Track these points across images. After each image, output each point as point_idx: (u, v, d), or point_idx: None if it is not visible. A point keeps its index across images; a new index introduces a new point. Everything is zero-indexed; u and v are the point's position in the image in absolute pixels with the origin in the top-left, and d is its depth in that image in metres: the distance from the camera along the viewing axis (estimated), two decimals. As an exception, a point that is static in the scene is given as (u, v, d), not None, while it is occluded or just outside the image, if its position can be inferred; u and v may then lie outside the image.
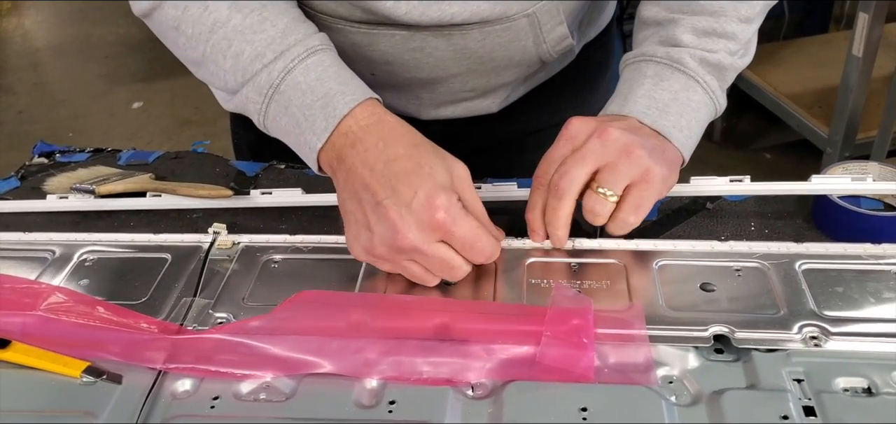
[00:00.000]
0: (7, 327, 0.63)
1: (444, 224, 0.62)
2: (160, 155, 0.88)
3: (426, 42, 0.76)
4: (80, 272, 0.70)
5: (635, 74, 0.70)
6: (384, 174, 0.63)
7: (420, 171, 0.63)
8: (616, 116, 0.68)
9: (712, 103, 0.70)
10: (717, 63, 0.69)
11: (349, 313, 0.62)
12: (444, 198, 0.62)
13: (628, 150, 0.63)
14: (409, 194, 0.62)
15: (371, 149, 0.64)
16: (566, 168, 0.65)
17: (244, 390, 0.58)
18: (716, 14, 0.69)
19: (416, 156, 0.64)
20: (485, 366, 0.57)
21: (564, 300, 0.60)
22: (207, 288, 0.67)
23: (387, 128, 0.66)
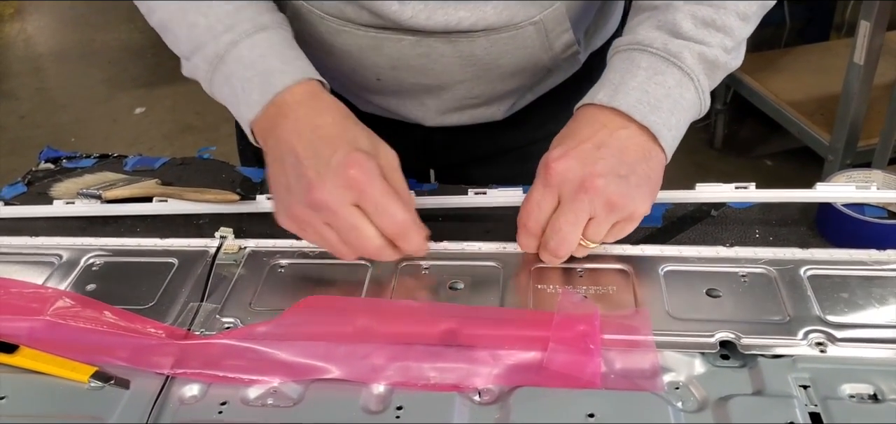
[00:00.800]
0: (14, 332, 0.63)
1: (358, 181, 0.62)
2: (166, 160, 0.89)
3: (432, 48, 0.76)
4: (86, 276, 0.70)
5: (628, 64, 0.68)
6: (310, 138, 0.65)
7: (344, 136, 0.65)
8: (599, 127, 0.65)
9: (700, 103, 0.69)
10: (713, 60, 0.68)
11: (356, 318, 0.62)
12: (363, 158, 0.63)
13: (615, 202, 0.63)
14: (328, 153, 0.63)
15: (301, 119, 0.66)
16: (563, 235, 0.64)
17: (252, 395, 0.58)
18: (716, 5, 0.68)
19: (343, 125, 0.67)
20: (492, 372, 0.58)
21: (571, 306, 0.60)
22: (214, 292, 0.67)
23: (321, 102, 0.68)
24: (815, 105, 2.32)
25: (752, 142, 2.76)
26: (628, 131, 0.65)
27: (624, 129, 0.65)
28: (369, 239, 0.64)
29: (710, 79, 0.69)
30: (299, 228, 0.66)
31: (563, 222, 0.64)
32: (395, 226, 0.64)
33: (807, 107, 2.32)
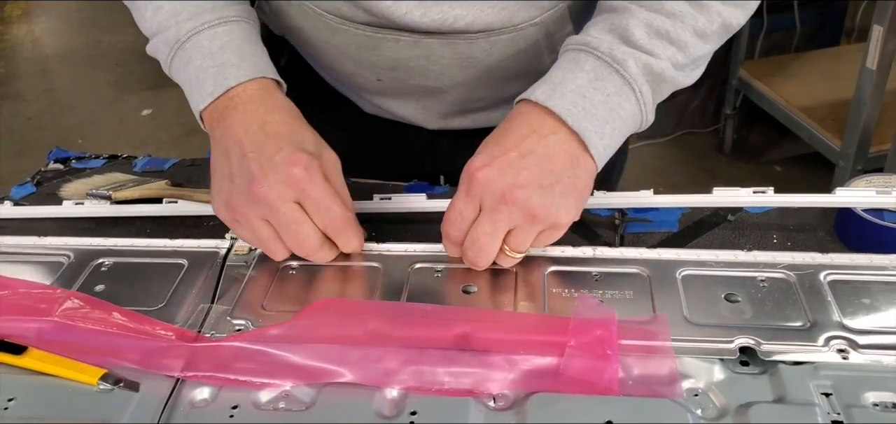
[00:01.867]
0: (23, 333, 0.62)
1: (300, 181, 0.64)
2: (176, 162, 0.88)
3: (431, 49, 0.75)
4: (95, 277, 0.70)
5: (572, 65, 0.66)
6: (256, 133, 0.66)
7: (290, 135, 0.67)
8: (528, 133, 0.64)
9: (641, 115, 0.68)
10: (659, 72, 0.66)
11: (369, 321, 0.61)
12: (306, 158, 0.65)
13: (537, 214, 0.63)
14: (273, 150, 0.65)
15: (250, 113, 0.67)
16: (481, 245, 0.64)
17: (263, 398, 0.57)
18: (673, 17, 0.66)
19: (291, 124, 0.68)
20: (507, 377, 0.57)
21: (588, 310, 0.59)
22: (225, 294, 0.66)
23: (272, 100, 0.69)
24: (825, 110, 2.30)
25: (761, 147, 2.75)
26: (558, 137, 0.64)
27: (553, 134, 0.64)
28: (308, 235, 0.65)
29: (654, 91, 0.68)
30: (233, 219, 0.67)
31: (481, 233, 0.64)
32: (334, 224, 0.66)
33: (817, 112, 2.30)
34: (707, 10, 0.67)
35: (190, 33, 0.70)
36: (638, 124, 0.68)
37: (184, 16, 0.71)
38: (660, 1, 0.67)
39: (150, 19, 0.72)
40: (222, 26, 0.71)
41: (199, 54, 0.70)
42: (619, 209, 0.77)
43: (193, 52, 0.70)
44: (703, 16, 0.67)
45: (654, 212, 0.76)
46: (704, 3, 0.67)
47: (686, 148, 2.80)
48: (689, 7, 0.67)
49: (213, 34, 0.70)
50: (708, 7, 0.67)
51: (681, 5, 0.66)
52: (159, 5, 0.72)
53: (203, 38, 0.70)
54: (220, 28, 0.71)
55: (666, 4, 0.66)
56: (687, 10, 0.67)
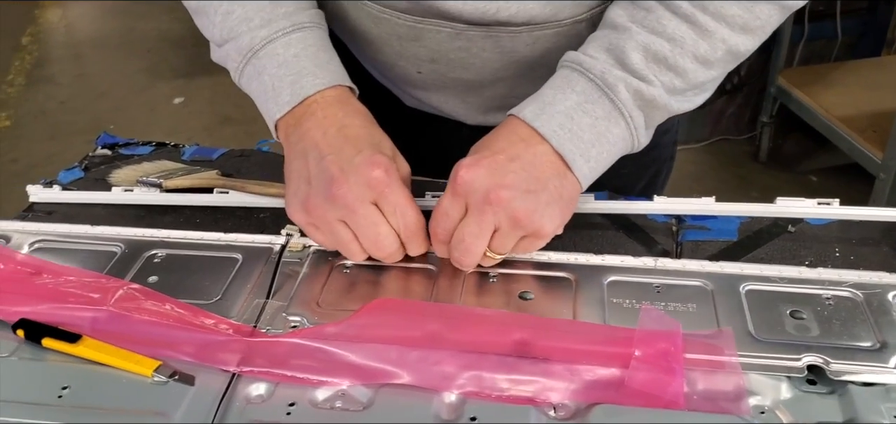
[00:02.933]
0: (77, 321, 0.62)
1: (380, 183, 0.64)
2: (225, 151, 0.87)
3: (472, 42, 0.74)
4: (148, 268, 0.69)
5: (565, 84, 0.66)
6: (335, 137, 0.66)
7: (370, 138, 0.67)
8: (517, 140, 0.65)
9: (632, 139, 0.67)
10: (651, 99, 0.65)
11: (426, 323, 0.60)
12: (385, 161, 0.65)
13: (520, 217, 0.63)
14: (352, 152, 0.65)
15: (329, 118, 0.67)
16: (466, 245, 0.64)
17: (320, 397, 0.56)
18: (673, 42, 0.65)
19: (369, 128, 0.68)
20: (569, 387, 0.55)
21: (652, 322, 0.58)
22: (280, 290, 0.66)
23: (349, 106, 0.69)
24: (866, 121, 2.26)
25: (797, 156, 2.71)
26: (545, 148, 0.64)
27: (541, 145, 0.64)
28: (386, 237, 0.65)
29: (647, 116, 0.67)
30: (311, 221, 0.67)
31: (467, 232, 0.64)
32: (408, 229, 0.65)
33: (858, 122, 2.27)
34: (710, 37, 0.65)
35: (264, 41, 0.69)
36: (629, 147, 0.68)
37: (256, 22, 0.69)
38: (663, 22, 0.65)
39: (220, 24, 0.71)
40: (297, 33, 0.69)
41: (273, 63, 0.69)
42: (677, 215, 0.75)
43: (267, 61, 0.69)
44: (705, 42, 0.65)
45: (713, 220, 0.74)
46: (709, 29, 0.65)
47: (721, 154, 2.77)
48: (691, 32, 0.65)
49: (287, 41, 0.69)
50: (712, 33, 0.65)
51: (683, 30, 0.65)
52: (230, 9, 0.70)
53: (278, 45, 0.69)
54: (295, 35, 0.69)
55: (668, 27, 0.65)
56: (689, 35, 0.65)
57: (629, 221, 0.75)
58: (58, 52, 3.90)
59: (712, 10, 0.65)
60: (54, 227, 0.74)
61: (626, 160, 0.92)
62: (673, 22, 0.65)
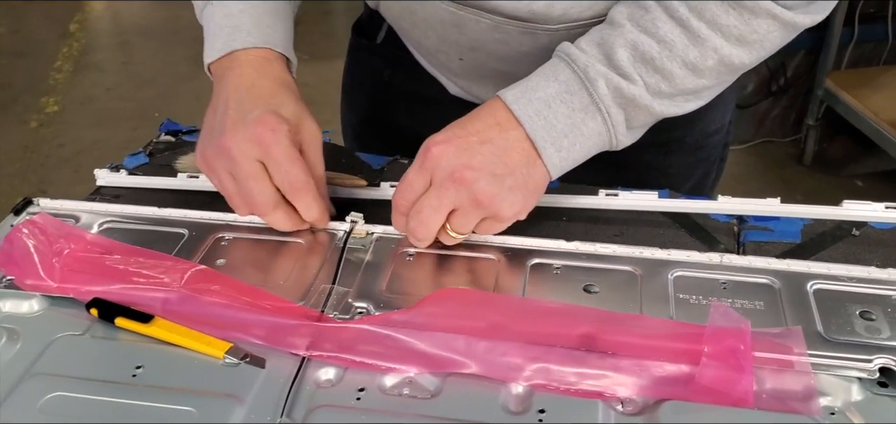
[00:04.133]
0: (149, 302, 0.63)
1: (265, 140, 0.67)
2: (286, 141, 0.88)
3: (510, 35, 0.75)
4: (216, 251, 0.70)
5: (551, 71, 0.67)
6: (243, 94, 0.70)
7: (272, 99, 0.70)
8: (492, 123, 0.66)
9: (609, 135, 0.67)
10: (631, 97, 0.65)
11: (492, 314, 0.60)
12: (275, 120, 0.68)
13: (482, 200, 0.64)
14: (250, 109, 0.69)
15: (245, 75, 0.72)
16: (423, 217, 0.65)
17: (388, 383, 0.57)
18: (663, 44, 0.64)
19: (277, 91, 0.72)
20: (637, 382, 0.55)
21: (722, 318, 0.58)
22: (344, 276, 0.66)
23: (268, 67, 0.73)
24: (917, 126, 2.23)
25: (842, 160, 2.67)
26: (518, 134, 0.66)
27: (515, 131, 0.66)
28: (260, 193, 0.68)
29: (627, 114, 0.67)
30: (207, 169, 0.71)
31: (425, 205, 0.65)
32: (292, 186, 0.68)
33: (908, 127, 2.23)
34: (702, 44, 0.65)
35: None
36: (606, 144, 0.68)
37: None
38: (657, 24, 0.65)
39: None
40: None
41: (221, 12, 0.74)
42: (738, 216, 0.75)
43: (218, 9, 0.75)
44: (696, 49, 0.65)
45: (775, 222, 0.73)
46: (701, 36, 0.64)
47: (765, 156, 2.74)
48: (683, 37, 0.65)
49: None
50: (704, 41, 0.65)
51: (676, 33, 0.64)
52: None
53: None
54: None
55: (661, 29, 0.65)
56: (680, 40, 0.64)
57: (690, 220, 0.74)
58: (104, 40, 3.97)
59: (708, 17, 0.64)
60: (123, 208, 0.76)
61: (672, 160, 0.92)
62: (667, 25, 0.65)
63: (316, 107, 0.75)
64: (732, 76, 0.69)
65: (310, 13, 3.87)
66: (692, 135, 0.90)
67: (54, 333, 0.62)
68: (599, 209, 0.74)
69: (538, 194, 0.68)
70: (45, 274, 0.65)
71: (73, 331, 0.62)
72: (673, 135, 0.88)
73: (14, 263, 0.67)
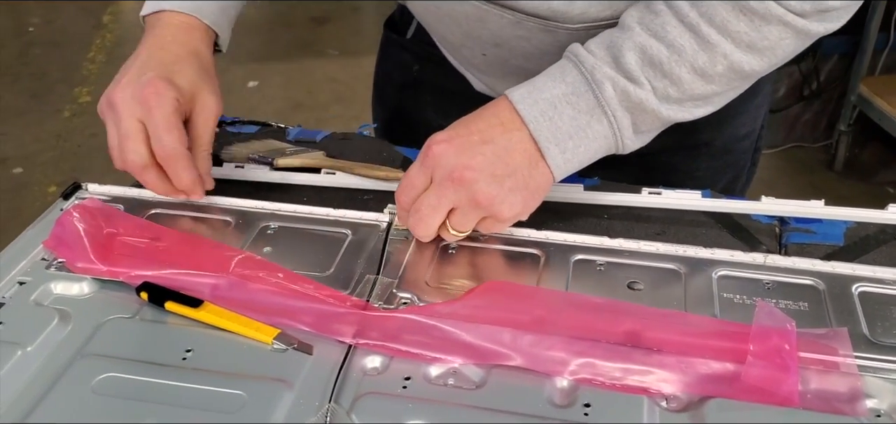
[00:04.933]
0: (198, 287, 0.64)
1: (148, 102, 0.70)
2: (328, 134, 0.89)
3: (532, 33, 0.75)
4: (262, 239, 0.71)
5: (559, 73, 0.67)
6: (153, 53, 0.74)
7: (172, 65, 0.74)
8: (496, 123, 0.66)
9: (615, 138, 0.67)
10: (638, 101, 0.65)
11: (536, 307, 0.61)
12: (164, 87, 0.71)
13: (480, 200, 0.65)
14: (148, 69, 0.72)
15: (161, 36, 0.76)
16: (422, 215, 0.66)
17: (433, 373, 0.57)
18: (672, 49, 0.64)
19: (182, 58, 0.75)
20: (682, 379, 0.56)
21: (767, 318, 0.58)
22: (388, 267, 0.67)
23: (186, 36, 0.77)
24: (952, 133, 2.20)
25: (874, 166, 2.65)
26: (521, 135, 0.66)
27: (518, 132, 0.66)
28: (133, 152, 0.71)
29: (634, 118, 0.66)
30: (102, 114, 0.74)
31: (425, 203, 0.66)
32: (164, 151, 0.71)
33: (943, 135, 2.21)
34: (711, 50, 0.64)
35: None
36: (612, 147, 0.68)
37: None
38: (666, 28, 0.64)
39: None
40: None
41: None
42: (780, 217, 0.74)
43: None
44: (705, 54, 0.64)
45: (818, 224, 0.73)
46: (711, 41, 0.64)
47: (794, 161, 2.72)
48: (692, 42, 0.64)
49: None
50: (714, 47, 0.64)
51: (685, 39, 0.64)
52: None
53: None
54: None
55: (671, 33, 0.64)
56: (689, 45, 0.64)
57: (732, 220, 0.74)
58: (137, 31, 3.94)
59: (718, 23, 0.64)
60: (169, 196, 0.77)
61: (699, 163, 0.92)
62: (676, 29, 0.64)
63: (344, 102, 0.76)
64: (744, 82, 0.69)
65: (339, 10, 3.89)
66: (720, 138, 0.90)
67: (104, 315, 0.63)
68: (641, 207, 0.75)
69: (541, 195, 0.68)
70: (96, 258, 0.67)
71: (123, 314, 0.63)
72: (701, 139, 0.88)
73: (65, 246, 0.68)
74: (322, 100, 3.07)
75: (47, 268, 0.68)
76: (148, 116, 0.70)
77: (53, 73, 3.47)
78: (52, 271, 0.67)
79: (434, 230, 0.67)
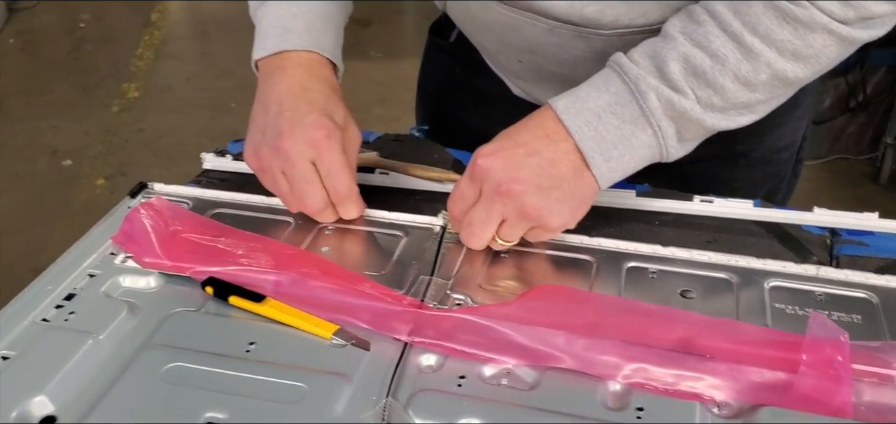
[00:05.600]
0: (260, 283, 0.66)
1: (320, 143, 0.71)
2: (380, 135, 0.91)
3: (565, 39, 0.76)
4: (320, 239, 0.73)
5: (603, 82, 0.68)
6: (296, 96, 0.73)
7: (325, 104, 0.74)
8: (541, 135, 0.67)
9: (659, 147, 0.67)
10: (682, 111, 0.65)
11: (589, 312, 0.62)
12: (330, 125, 0.71)
13: (528, 212, 0.66)
14: (305, 112, 0.72)
15: (296, 78, 0.75)
16: (474, 229, 0.68)
17: (487, 373, 0.59)
18: (715, 58, 0.64)
19: (329, 95, 0.75)
20: (735, 386, 0.56)
21: (820, 329, 0.58)
22: (442, 268, 0.69)
23: (318, 72, 0.76)
24: None
25: (922, 180, 2.61)
26: (567, 146, 0.67)
27: (564, 142, 0.67)
28: (314, 195, 0.72)
29: (678, 127, 0.67)
30: (260, 168, 0.74)
31: (476, 217, 0.68)
32: (338, 193, 0.72)
33: None
34: (755, 59, 0.64)
35: None
36: (657, 155, 0.68)
37: None
38: (709, 37, 0.65)
39: None
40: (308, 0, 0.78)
41: (274, 13, 0.78)
42: (831, 229, 0.75)
43: (271, 9, 0.78)
44: (748, 63, 0.64)
45: (871, 236, 0.74)
46: (755, 50, 0.64)
47: (838, 173, 2.69)
48: (735, 51, 0.64)
49: (295, 2, 0.77)
50: (757, 55, 0.64)
51: (728, 48, 0.64)
52: None
53: (287, 2, 0.77)
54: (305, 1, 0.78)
55: (714, 43, 0.65)
56: (732, 53, 0.64)
57: (782, 230, 0.75)
58: (184, 29, 4.08)
59: (762, 31, 0.64)
60: (232, 196, 0.80)
61: (738, 173, 0.92)
62: (720, 39, 0.65)
63: (387, 104, 0.78)
64: (788, 90, 0.69)
65: (382, 13, 3.92)
66: (759, 149, 0.90)
67: (171, 308, 0.65)
68: (692, 215, 0.75)
69: (587, 204, 0.69)
70: (162, 253, 0.69)
71: (188, 307, 0.65)
72: (739, 149, 0.88)
73: (133, 241, 0.71)
74: (364, 101, 3.10)
75: (116, 262, 0.70)
76: (320, 158, 0.71)
77: (103, 69, 3.55)
78: (121, 265, 0.70)
79: (486, 241, 0.69)
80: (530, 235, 0.69)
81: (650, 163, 0.69)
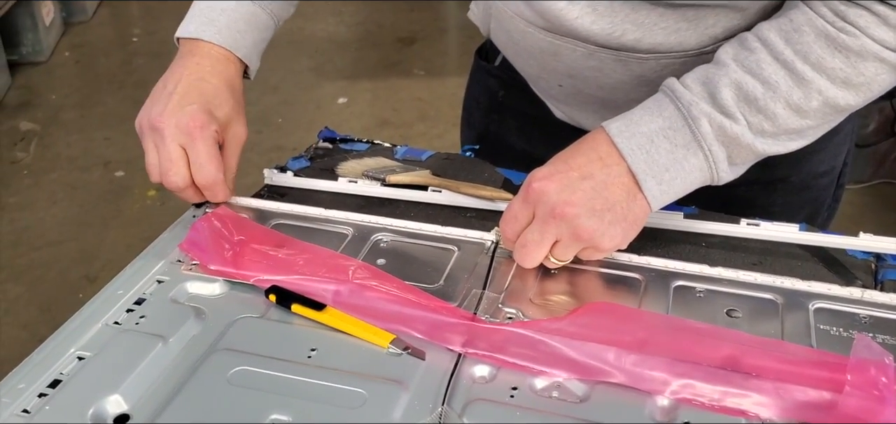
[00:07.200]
0: (321, 293, 0.69)
1: (192, 132, 0.78)
2: (432, 154, 0.94)
3: (604, 63, 0.78)
4: (376, 252, 0.76)
5: (656, 106, 0.69)
6: (191, 83, 0.81)
7: (213, 98, 0.81)
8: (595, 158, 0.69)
9: (711, 171, 0.69)
10: (734, 136, 0.67)
11: (638, 329, 0.64)
12: (206, 120, 0.79)
13: (582, 235, 0.68)
14: (191, 100, 0.79)
15: (200, 66, 0.82)
16: (528, 250, 0.70)
17: (538, 385, 0.61)
18: (767, 85, 0.66)
19: (220, 92, 0.82)
20: (779, 404, 0.58)
21: (865, 350, 0.60)
22: (493, 283, 0.71)
23: (223, 69, 0.83)
24: None
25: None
26: (620, 169, 0.68)
27: (617, 166, 0.68)
28: (175, 175, 0.78)
29: (729, 151, 0.68)
30: (141, 132, 0.81)
31: (530, 239, 0.69)
32: (205, 179, 0.79)
33: None
34: (806, 86, 0.66)
35: None
36: (707, 179, 0.70)
37: None
38: (761, 65, 0.66)
39: None
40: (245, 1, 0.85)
41: (208, 3, 0.85)
42: (876, 253, 0.76)
43: None
44: (800, 90, 0.66)
45: (916, 262, 0.74)
46: (806, 78, 0.66)
47: (882, 198, 2.66)
48: (787, 78, 0.66)
49: None
50: (809, 83, 0.66)
51: (780, 75, 0.66)
52: None
53: None
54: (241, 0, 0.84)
55: (766, 70, 0.66)
56: (784, 81, 0.66)
57: (827, 254, 0.76)
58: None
59: (813, 60, 0.65)
60: (292, 208, 0.83)
61: (776, 198, 0.92)
62: (772, 66, 0.66)
63: (428, 121, 0.81)
64: (839, 116, 0.70)
65: (426, 32, 3.97)
66: (799, 174, 0.91)
67: (235, 314, 0.69)
68: (739, 237, 0.77)
69: (638, 226, 0.71)
70: (227, 261, 0.73)
71: (252, 314, 0.69)
72: (778, 174, 0.89)
73: (200, 249, 0.75)
74: (407, 118, 3.14)
75: (182, 269, 0.74)
76: (190, 145, 0.78)
77: (154, 82, 3.61)
78: (187, 271, 0.74)
79: (538, 261, 0.71)
80: (582, 255, 0.71)
81: (701, 186, 0.71)
